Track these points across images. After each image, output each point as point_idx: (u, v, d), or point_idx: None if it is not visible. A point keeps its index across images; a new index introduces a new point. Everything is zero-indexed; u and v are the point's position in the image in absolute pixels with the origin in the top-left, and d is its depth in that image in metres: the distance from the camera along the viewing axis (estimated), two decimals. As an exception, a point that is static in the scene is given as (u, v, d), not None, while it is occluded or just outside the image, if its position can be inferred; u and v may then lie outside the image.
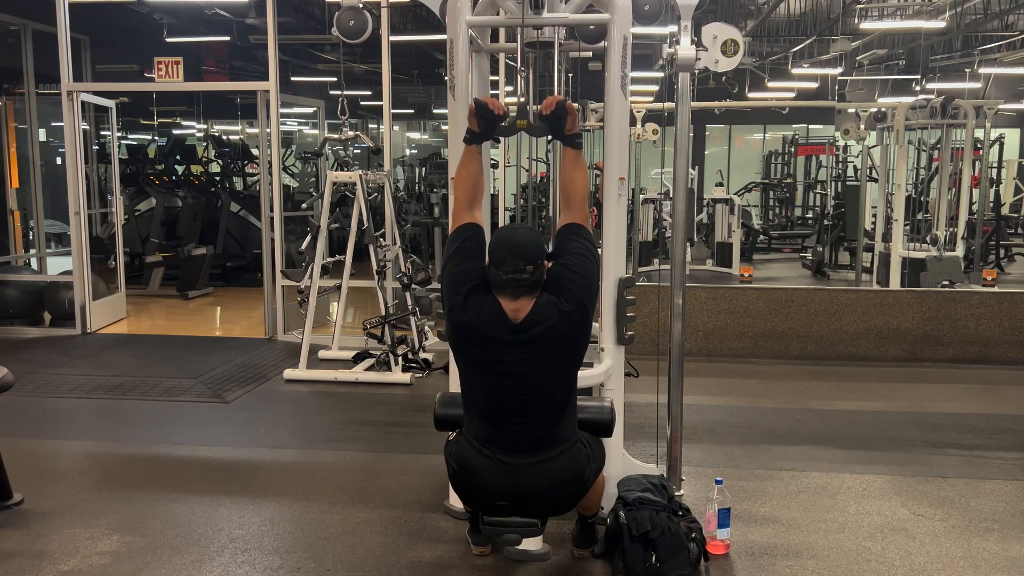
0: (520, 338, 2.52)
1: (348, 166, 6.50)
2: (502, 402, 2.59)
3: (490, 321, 2.53)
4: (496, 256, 2.53)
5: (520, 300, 2.52)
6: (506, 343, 2.53)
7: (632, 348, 3.38)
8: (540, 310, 2.53)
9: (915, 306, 6.22)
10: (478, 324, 2.55)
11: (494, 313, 2.53)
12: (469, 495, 2.72)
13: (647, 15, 3.68)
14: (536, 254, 2.51)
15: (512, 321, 2.52)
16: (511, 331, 2.52)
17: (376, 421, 4.86)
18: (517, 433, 2.59)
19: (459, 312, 2.57)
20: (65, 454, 4.27)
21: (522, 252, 2.49)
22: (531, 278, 2.49)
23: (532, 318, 2.52)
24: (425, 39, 11.05)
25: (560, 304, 2.54)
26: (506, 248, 2.52)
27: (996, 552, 3.21)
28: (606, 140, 3.24)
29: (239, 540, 3.28)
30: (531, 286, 2.51)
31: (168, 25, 10.37)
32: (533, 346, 2.53)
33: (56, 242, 10.59)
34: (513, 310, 2.52)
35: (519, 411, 2.58)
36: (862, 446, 4.39)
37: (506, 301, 2.52)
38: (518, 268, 2.47)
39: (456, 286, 2.60)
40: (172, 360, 6.20)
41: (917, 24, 10.56)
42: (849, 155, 12.04)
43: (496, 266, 2.51)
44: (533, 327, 2.52)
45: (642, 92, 13.44)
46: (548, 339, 2.54)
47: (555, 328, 2.54)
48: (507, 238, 2.59)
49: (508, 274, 2.48)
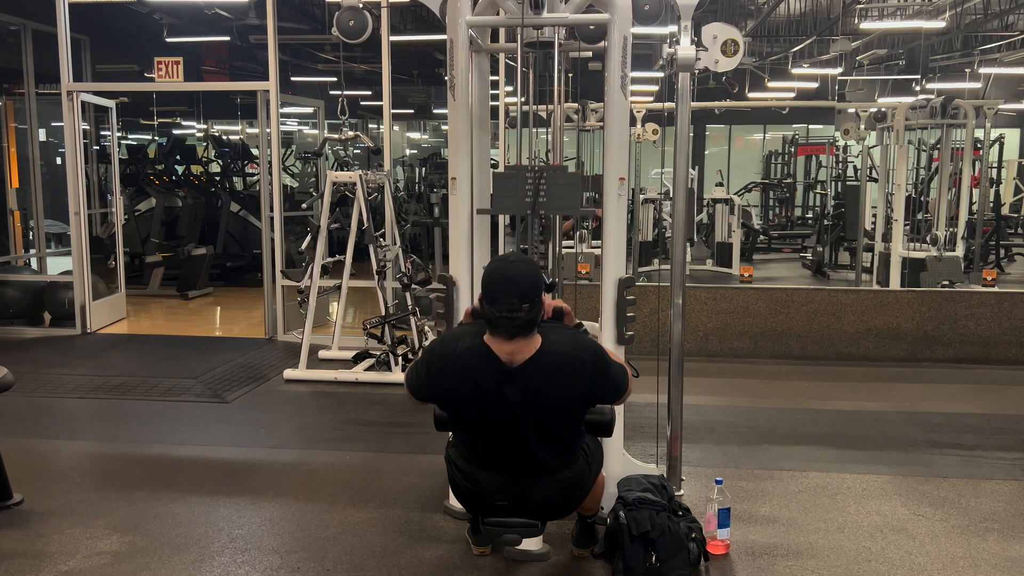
0: (516, 389, 2.41)
1: (348, 166, 6.50)
2: (497, 447, 2.53)
3: (477, 372, 2.41)
4: (490, 292, 2.40)
5: (516, 341, 2.40)
6: (498, 400, 2.41)
7: (632, 348, 3.38)
8: (544, 359, 2.42)
9: (915, 306, 6.22)
10: (465, 385, 2.44)
11: (480, 358, 2.41)
12: (469, 501, 2.72)
13: (647, 15, 3.68)
14: (533, 291, 2.40)
15: (507, 364, 2.40)
16: (504, 375, 2.40)
17: (376, 421, 4.86)
18: (515, 464, 2.55)
19: (439, 383, 2.48)
20: (65, 454, 4.27)
21: (518, 289, 2.37)
22: (526, 316, 2.38)
23: (535, 364, 2.41)
24: (425, 39, 11.05)
25: (571, 367, 2.42)
26: (500, 285, 2.40)
27: (996, 552, 3.21)
28: (606, 140, 3.24)
29: (239, 540, 3.28)
30: (526, 325, 2.39)
31: (168, 25, 10.37)
32: (532, 404, 2.42)
33: (56, 242, 10.60)
34: (508, 352, 2.41)
35: (517, 452, 2.52)
36: (862, 446, 4.39)
37: (499, 343, 2.41)
38: (513, 306, 2.35)
39: (432, 368, 2.51)
40: (172, 360, 6.20)
41: (917, 24, 10.56)
42: (849, 155, 12.04)
43: (490, 303, 2.39)
44: (534, 376, 2.41)
45: (642, 92, 13.44)
46: (552, 398, 2.44)
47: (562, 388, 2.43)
48: (502, 273, 2.44)
49: (502, 312, 2.36)
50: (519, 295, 2.37)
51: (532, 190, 3.30)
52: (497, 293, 2.38)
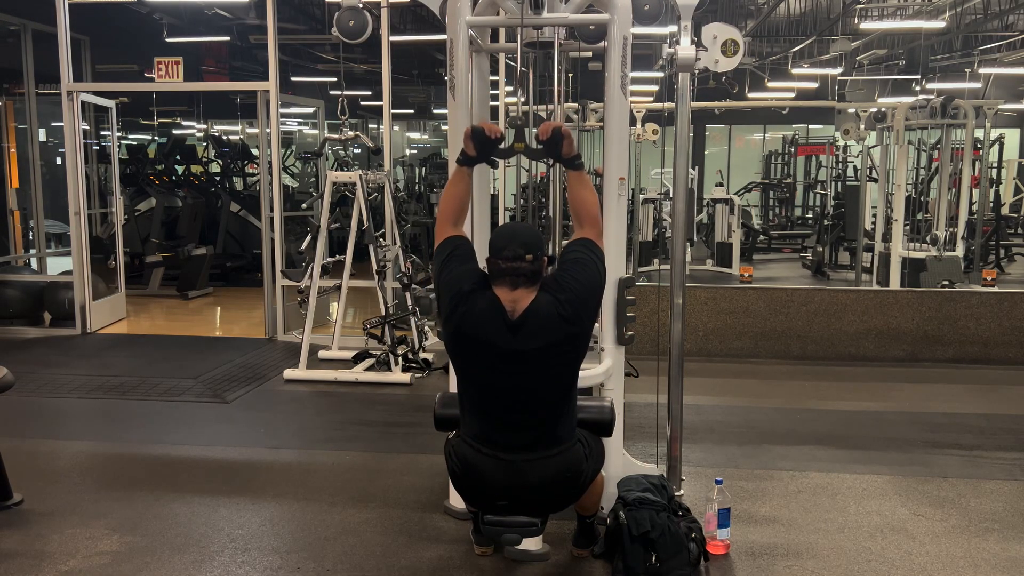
0: (516, 338, 2.50)
1: (348, 166, 6.50)
2: (498, 403, 2.59)
3: (486, 320, 2.51)
4: (496, 245, 2.54)
5: (518, 291, 2.51)
6: (502, 347, 2.51)
7: (632, 348, 3.38)
8: (538, 307, 2.52)
9: (915, 306, 6.22)
10: (474, 327, 2.53)
11: (491, 309, 2.51)
12: (469, 493, 2.73)
13: (647, 15, 3.68)
14: (536, 244, 2.53)
15: (510, 316, 2.50)
16: (508, 328, 2.50)
17: (376, 421, 4.86)
18: (514, 432, 2.58)
19: (456, 315, 2.55)
20: (65, 454, 4.27)
21: (522, 240, 2.52)
22: (530, 267, 2.49)
23: (529, 312, 2.50)
24: (425, 39, 11.05)
25: (559, 307, 2.52)
26: (507, 236, 2.56)
27: (996, 552, 3.21)
28: (606, 140, 3.24)
29: (239, 540, 3.28)
30: (530, 276, 2.51)
31: (168, 25, 10.36)
32: (529, 350, 2.51)
33: (56, 242, 10.60)
34: (511, 301, 2.51)
35: (515, 412, 2.58)
36: (862, 446, 4.39)
37: (504, 292, 2.51)
38: (518, 255, 2.48)
39: (452, 289, 2.59)
40: (172, 360, 6.20)
41: (917, 24, 10.57)
42: (849, 155, 12.04)
43: (495, 254, 2.52)
44: (530, 323, 2.50)
45: (642, 92, 13.44)
46: (544, 342, 2.52)
47: (552, 330, 2.52)
48: (508, 228, 2.68)
49: (508, 262, 2.49)
50: (523, 244, 2.50)
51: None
52: (503, 244, 2.52)
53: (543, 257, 2.55)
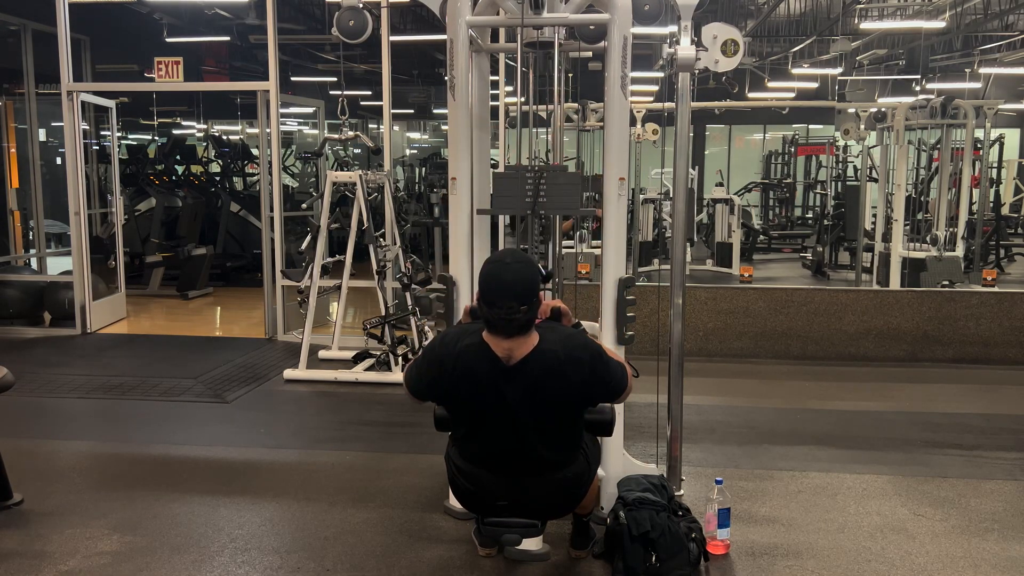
0: (514, 387, 2.42)
1: (348, 166, 6.51)
2: (496, 445, 2.53)
3: (476, 369, 2.43)
4: (487, 297, 2.42)
5: (514, 339, 2.43)
6: (498, 400, 2.43)
7: (632, 348, 3.38)
8: (541, 357, 2.43)
9: (915, 306, 6.22)
10: (465, 383, 2.46)
11: (479, 357, 2.43)
12: (467, 500, 2.72)
13: (647, 15, 3.68)
14: (530, 292, 2.42)
15: (505, 362, 2.42)
16: (503, 374, 2.42)
17: (376, 421, 4.86)
18: (515, 463, 2.54)
19: (441, 380, 2.49)
20: (65, 454, 4.27)
21: (515, 291, 2.39)
22: (525, 317, 2.40)
23: (531, 362, 2.42)
24: (425, 39, 11.05)
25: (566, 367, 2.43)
26: (497, 287, 2.41)
27: (996, 552, 3.21)
28: (606, 140, 3.24)
29: (239, 540, 3.28)
30: (525, 325, 2.42)
31: (168, 25, 10.37)
32: (530, 404, 2.43)
33: (56, 242, 10.59)
34: (506, 349, 2.42)
35: (516, 450, 2.52)
36: (862, 446, 4.39)
37: (497, 341, 2.43)
38: (512, 309, 2.37)
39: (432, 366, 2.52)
40: (172, 360, 6.20)
41: (917, 24, 10.57)
42: (849, 155, 12.04)
43: (488, 306, 2.41)
44: (531, 374, 2.42)
45: (642, 92, 13.44)
46: (550, 399, 2.44)
47: (559, 387, 2.44)
48: (497, 277, 2.43)
49: (501, 317, 2.39)
50: (516, 297, 2.38)
51: (532, 190, 3.31)
52: (495, 298, 2.39)
53: (538, 300, 2.47)
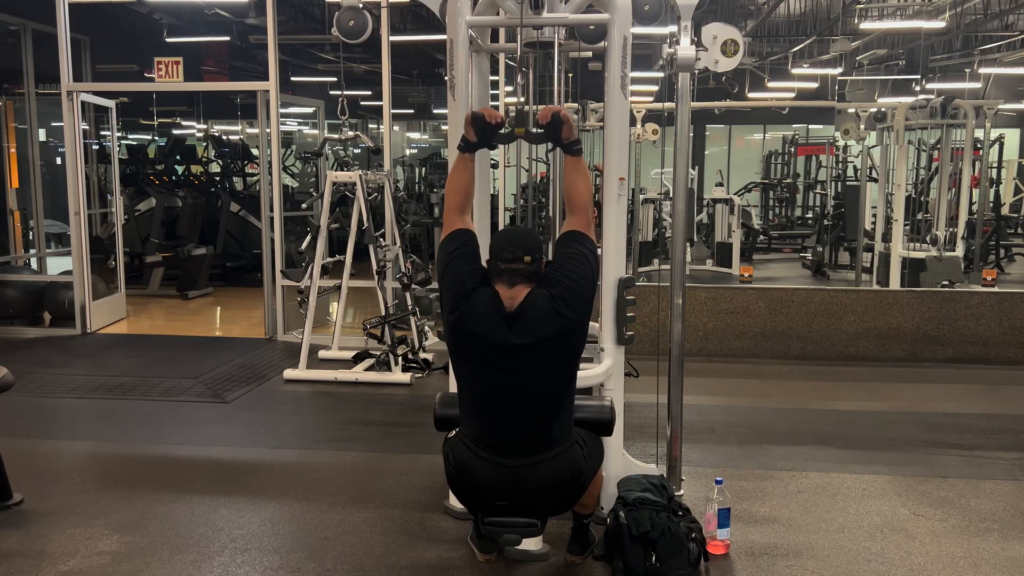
0: (512, 331, 2.54)
1: (348, 166, 6.51)
2: (494, 401, 2.60)
3: (485, 316, 2.56)
4: (496, 247, 2.61)
5: (516, 288, 2.57)
6: (499, 341, 2.54)
7: (632, 348, 3.38)
8: (534, 300, 2.56)
9: (915, 306, 6.22)
10: (474, 323, 2.58)
11: (489, 303, 2.56)
12: (466, 496, 2.72)
13: (647, 15, 3.68)
14: (535, 247, 2.61)
15: (507, 309, 2.55)
16: (505, 321, 2.54)
17: (376, 421, 4.86)
18: (512, 434, 2.59)
19: (457, 311, 2.60)
20: (65, 454, 4.27)
21: (522, 242, 2.59)
22: (529, 268, 2.56)
23: (525, 305, 2.55)
24: (425, 39, 11.05)
25: (554, 302, 2.56)
26: (506, 239, 2.63)
27: (996, 552, 3.21)
28: (606, 140, 3.24)
29: (239, 540, 3.28)
30: (528, 276, 2.57)
31: (168, 25, 10.36)
32: (525, 343, 2.54)
33: (56, 242, 10.58)
34: (509, 297, 2.57)
35: (514, 410, 2.58)
36: (862, 446, 4.39)
37: (503, 288, 2.58)
38: (517, 257, 2.55)
39: (455, 287, 2.63)
40: (172, 360, 6.20)
41: (917, 24, 10.56)
42: (849, 155, 12.04)
43: (495, 256, 2.59)
44: (526, 316, 2.54)
45: (642, 92, 13.43)
46: (540, 335, 2.55)
47: (548, 323, 2.55)
48: (509, 231, 2.78)
49: (507, 263, 2.55)
50: (521, 247, 2.57)
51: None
52: (503, 246, 2.59)
53: (541, 259, 2.61)
